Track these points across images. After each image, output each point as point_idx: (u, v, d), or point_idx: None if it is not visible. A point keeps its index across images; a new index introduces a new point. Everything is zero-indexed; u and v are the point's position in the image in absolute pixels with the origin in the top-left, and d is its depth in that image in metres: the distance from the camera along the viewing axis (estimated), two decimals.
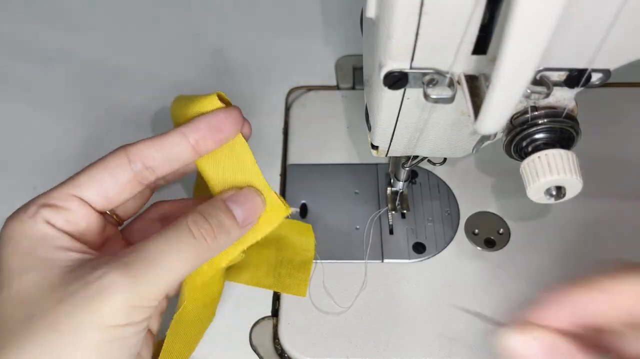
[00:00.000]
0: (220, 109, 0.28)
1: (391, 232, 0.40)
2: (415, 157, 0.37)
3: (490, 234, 0.40)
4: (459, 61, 0.25)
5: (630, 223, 0.39)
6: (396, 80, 0.26)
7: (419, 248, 0.39)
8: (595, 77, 0.27)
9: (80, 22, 0.51)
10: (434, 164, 0.38)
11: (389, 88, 0.27)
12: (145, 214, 0.33)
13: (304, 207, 0.41)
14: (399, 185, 0.40)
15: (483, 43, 0.24)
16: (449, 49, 0.25)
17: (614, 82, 0.29)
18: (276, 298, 0.37)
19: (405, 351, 0.35)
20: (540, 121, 0.29)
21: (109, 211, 0.30)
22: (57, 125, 0.45)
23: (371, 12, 0.26)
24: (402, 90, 0.28)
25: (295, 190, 0.42)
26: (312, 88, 0.47)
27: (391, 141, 0.34)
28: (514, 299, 0.36)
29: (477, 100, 0.25)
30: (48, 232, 0.26)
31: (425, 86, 0.26)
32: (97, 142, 0.44)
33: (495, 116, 0.23)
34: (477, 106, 0.25)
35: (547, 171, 0.28)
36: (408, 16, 0.23)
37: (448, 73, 0.26)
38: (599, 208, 0.40)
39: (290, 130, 0.45)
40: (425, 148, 0.35)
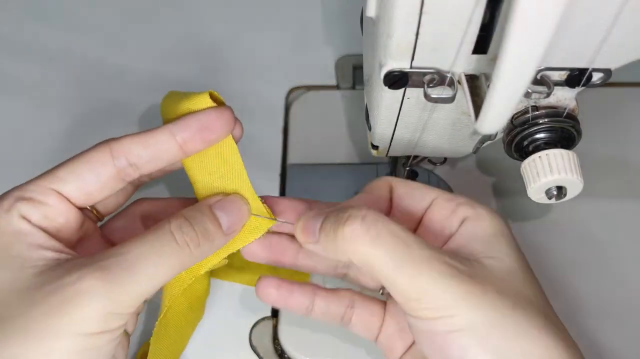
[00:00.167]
0: (211, 108, 0.27)
1: None
2: (415, 157, 0.37)
3: None
4: (460, 61, 0.25)
5: (630, 223, 0.39)
6: (396, 79, 0.26)
7: None
8: (596, 76, 0.27)
9: (80, 21, 0.51)
10: (435, 164, 0.38)
11: (389, 88, 0.27)
12: (126, 211, 0.31)
13: None
14: None
15: (484, 42, 0.24)
16: (450, 49, 0.25)
17: (615, 81, 0.29)
18: None
19: None
20: (541, 121, 0.29)
21: (89, 207, 0.28)
22: (57, 125, 0.45)
23: (371, 11, 0.26)
24: (403, 90, 0.28)
25: (294, 190, 0.42)
26: (312, 88, 0.47)
27: (391, 141, 0.34)
28: None
29: (478, 100, 0.25)
30: (23, 228, 0.24)
31: (425, 86, 0.26)
32: (98, 141, 0.43)
33: (495, 116, 0.23)
34: (478, 106, 0.25)
35: (548, 171, 0.28)
36: (408, 15, 0.23)
37: (448, 73, 0.26)
38: (600, 208, 0.40)
39: (290, 130, 0.45)
40: (425, 148, 0.35)
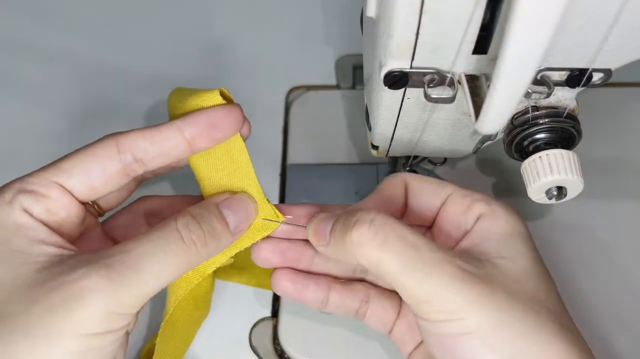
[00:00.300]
0: (220, 106, 0.27)
1: None
2: (415, 157, 0.37)
3: None
4: (460, 61, 0.25)
5: (630, 223, 0.39)
6: (396, 79, 0.26)
7: None
8: (596, 76, 0.27)
9: (80, 21, 0.51)
10: (435, 164, 0.38)
11: (390, 88, 0.27)
12: (130, 207, 0.31)
13: None
14: None
15: (484, 42, 0.24)
16: (450, 49, 0.25)
17: (615, 81, 0.29)
18: (276, 299, 0.37)
19: None
20: (541, 121, 0.29)
21: (91, 201, 0.28)
22: (57, 125, 0.45)
23: (371, 11, 0.26)
24: (403, 90, 0.28)
25: (295, 190, 0.42)
26: (312, 88, 0.47)
27: (391, 141, 0.34)
28: None
29: (478, 100, 0.25)
30: (25, 221, 0.24)
31: (425, 86, 0.26)
32: None
33: (496, 116, 0.23)
34: (478, 106, 0.25)
35: (548, 171, 0.28)
36: (408, 15, 0.23)
37: (449, 73, 0.26)
38: (600, 208, 0.40)
39: (290, 130, 0.45)
40: (425, 148, 0.35)
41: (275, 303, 0.37)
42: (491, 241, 0.25)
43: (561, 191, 0.29)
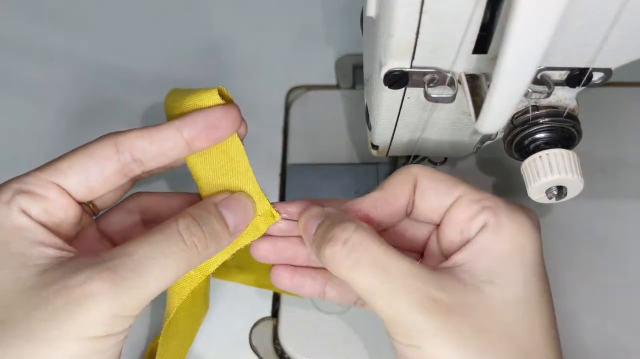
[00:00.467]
0: (219, 106, 0.27)
1: None
2: (415, 156, 0.37)
3: None
4: (460, 60, 0.25)
5: (630, 223, 0.39)
6: (397, 79, 0.26)
7: None
8: (596, 76, 0.27)
9: (80, 21, 0.51)
10: (435, 164, 0.38)
11: (390, 87, 0.27)
12: (123, 204, 0.30)
13: None
14: None
15: (484, 42, 0.24)
16: (450, 48, 0.25)
17: (615, 81, 0.29)
18: (276, 299, 0.37)
19: None
20: (541, 121, 0.29)
21: (87, 201, 0.27)
22: (57, 125, 0.45)
23: (371, 11, 0.26)
24: (403, 89, 0.28)
25: (294, 190, 0.42)
26: (312, 88, 0.47)
27: (391, 141, 0.34)
28: None
29: (478, 99, 0.25)
30: (23, 223, 0.23)
31: (425, 85, 0.26)
32: None
33: (496, 116, 0.23)
34: (478, 106, 0.25)
35: (548, 171, 0.28)
36: (408, 15, 0.23)
37: (449, 72, 0.26)
38: (600, 208, 0.40)
39: (290, 130, 0.45)
40: (425, 148, 0.35)
41: (275, 303, 0.37)
42: (486, 259, 0.25)
43: (561, 191, 0.29)
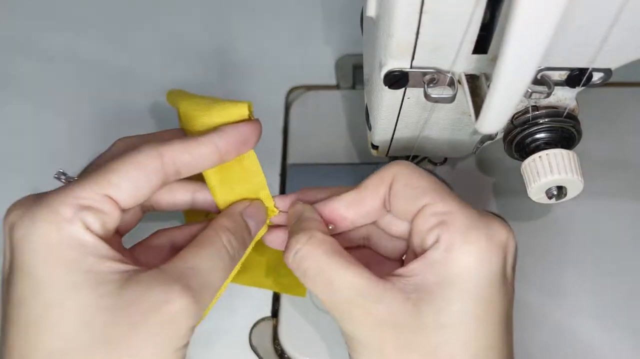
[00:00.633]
0: (250, 122, 0.28)
1: None
2: (415, 157, 0.37)
3: None
4: (460, 60, 0.25)
5: (630, 223, 0.39)
6: (397, 79, 0.26)
7: None
8: (596, 76, 0.27)
9: (80, 21, 0.51)
10: (435, 164, 0.38)
11: (390, 87, 0.27)
12: (150, 240, 0.30)
13: None
14: None
15: (484, 42, 0.24)
16: (450, 48, 0.25)
17: (615, 81, 0.29)
18: (276, 299, 0.37)
19: None
20: (541, 121, 0.29)
21: None
22: (57, 125, 0.45)
23: (371, 11, 0.26)
24: (403, 89, 0.28)
25: (294, 190, 0.41)
26: (312, 88, 0.47)
27: (391, 141, 0.34)
28: (515, 299, 0.36)
29: (478, 99, 0.25)
30: (89, 239, 0.24)
31: (425, 86, 0.26)
32: (98, 141, 0.43)
33: (496, 116, 0.23)
34: (478, 106, 0.25)
35: (548, 171, 0.28)
36: (408, 15, 0.23)
37: (449, 72, 0.26)
38: (600, 208, 0.40)
39: (290, 130, 0.45)
40: (425, 148, 0.35)
41: (275, 303, 0.37)
42: (431, 277, 0.25)
43: (561, 191, 0.29)
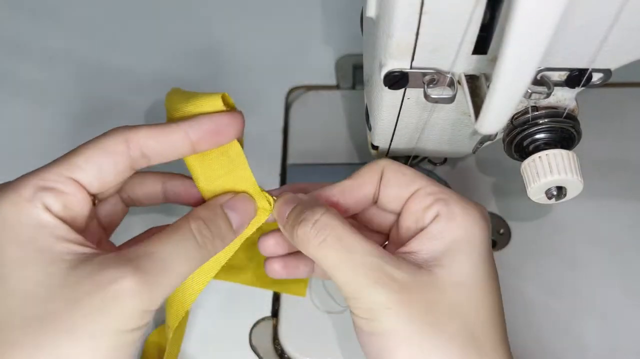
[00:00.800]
0: (225, 113, 0.28)
1: None
2: (415, 157, 0.37)
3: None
4: (460, 61, 0.25)
5: (630, 223, 0.39)
6: (396, 80, 0.26)
7: None
8: (596, 76, 0.27)
9: (80, 21, 0.51)
10: (435, 164, 0.38)
11: (390, 88, 0.27)
12: (141, 237, 0.31)
13: None
14: None
15: (484, 43, 0.24)
16: (450, 49, 0.25)
17: (615, 81, 0.29)
18: (276, 298, 0.37)
19: None
20: (540, 121, 0.29)
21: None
22: (57, 125, 0.45)
23: (371, 11, 0.26)
24: (403, 90, 0.28)
25: None
26: (312, 88, 0.47)
27: (391, 141, 0.34)
28: (515, 299, 0.36)
29: (478, 100, 0.25)
30: (47, 219, 0.24)
31: (425, 86, 0.26)
32: None
33: (495, 116, 0.23)
34: (478, 106, 0.25)
35: (548, 171, 0.28)
36: (408, 15, 0.23)
37: (449, 73, 0.26)
38: (600, 208, 0.40)
39: (289, 130, 0.45)
40: (425, 148, 0.35)
41: (275, 303, 0.37)
42: (437, 246, 0.27)
43: (561, 191, 0.29)
